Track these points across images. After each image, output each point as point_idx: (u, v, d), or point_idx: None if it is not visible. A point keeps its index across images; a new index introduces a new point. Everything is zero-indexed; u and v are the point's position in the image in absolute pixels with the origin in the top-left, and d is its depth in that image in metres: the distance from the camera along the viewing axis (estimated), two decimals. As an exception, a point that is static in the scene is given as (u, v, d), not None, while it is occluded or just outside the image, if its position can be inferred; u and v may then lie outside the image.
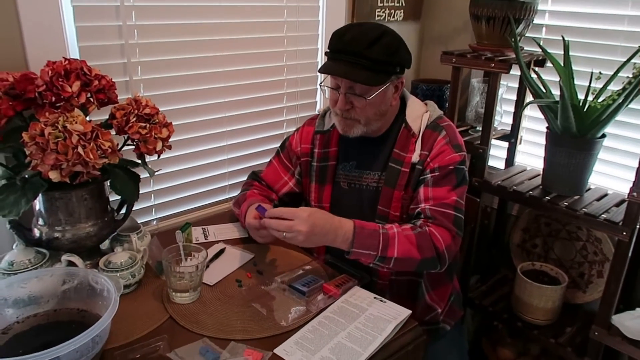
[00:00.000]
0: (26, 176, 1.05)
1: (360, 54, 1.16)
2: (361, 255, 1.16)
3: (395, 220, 1.27)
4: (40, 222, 1.12)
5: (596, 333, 1.42)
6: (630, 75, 1.33)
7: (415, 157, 1.26)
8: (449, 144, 1.25)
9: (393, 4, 1.91)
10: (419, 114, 1.30)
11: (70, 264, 1.08)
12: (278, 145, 1.51)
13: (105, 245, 1.26)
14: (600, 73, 1.40)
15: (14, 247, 1.10)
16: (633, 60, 1.38)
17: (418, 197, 1.24)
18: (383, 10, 1.89)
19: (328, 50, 1.23)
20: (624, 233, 1.33)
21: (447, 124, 1.29)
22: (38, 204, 1.11)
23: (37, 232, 1.13)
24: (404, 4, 1.94)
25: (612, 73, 1.43)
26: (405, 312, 1.09)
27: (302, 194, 1.46)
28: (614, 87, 1.39)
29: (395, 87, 1.26)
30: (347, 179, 1.36)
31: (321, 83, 1.31)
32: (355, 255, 1.16)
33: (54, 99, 1.04)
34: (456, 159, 1.24)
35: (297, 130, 1.46)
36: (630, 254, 1.36)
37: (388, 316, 1.08)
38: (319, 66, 1.78)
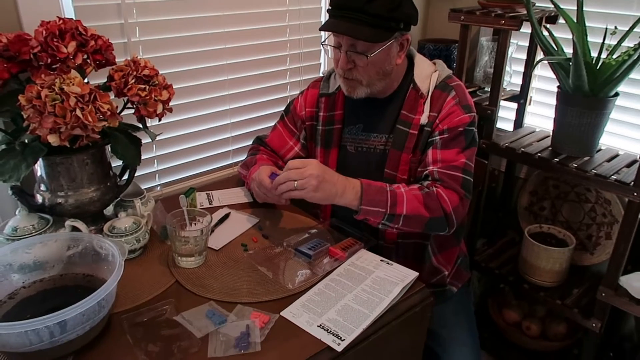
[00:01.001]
0: (25, 140, 1.03)
1: (360, 9, 1.11)
2: (370, 213, 1.14)
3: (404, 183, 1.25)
4: (42, 187, 1.11)
5: (603, 294, 1.42)
6: (647, 30, 1.27)
7: (424, 119, 1.23)
8: (458, 104, 1.22)
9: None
10: (428, 73, 1.26)
11: (74, 229, 1.08)
12: (282, 108, 1.48)
13: (109, 211, 1.25)
14: (615, 28, 1.34)
15: (16, 212, 1.09)
16: (650, 14, 1.32)
17: (426, 159, 1.22)
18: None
19: (329, 8, 1.18)
20: (635, 194, 1.31)
21: (456, 84, 1.25)
22: (39, 169, 1.10)
23: (39, 198, 1.12)
24: (410, -40, 1.86)
25: (627, 28, 1.37)
26: (412, 274, 1.08)
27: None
28: (629, 43, 1.34)
29: (400, 44, 1.21)
30: (353, 143, 1.33)
31: (323, 42, 1.27)
32: (364, 213, 1.14)
33: (49, 60, 1.01)
34: (465, 120, 1.21)
35: (302, 93, 1.43)
36: (640, 215, 1.34)
37: (395, 278, 1.07)
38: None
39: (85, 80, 1.01)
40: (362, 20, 1.12)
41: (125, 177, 1.24)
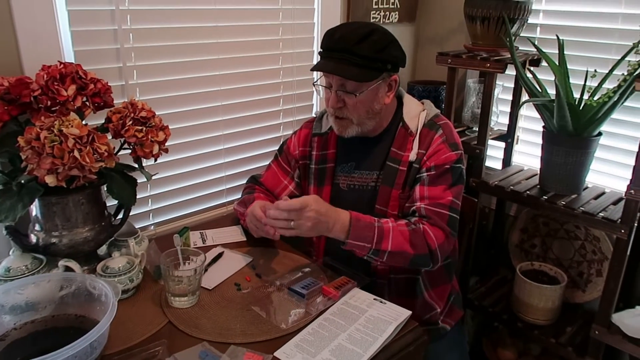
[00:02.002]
0: (22, 181, 1.04)
1: (349, 51, 1.16)
2: (356, 246, 1.16)
3: (394, 218, 1.26)
4: (37, 227, 1.11)
5: (597, 332, 1.42)
6: (625, 73, 1.33)
7: (412, 156, 1.26)
8: (445, 142, 1.25)
9: (388, 5, 1.92)
10: (416, 112, 1.30)
11: (68, 269, 1.07)
12: (275, 148, 1.51)
13: (102, 250, 1.25)
14: (595, 71, 1.41)
15: (10, 253, 1.09)
16: (627, 58, 1.38)
17: (414, 196, 1.25)
18: (378, 12, 1.89)
19: (320, 50, 1.24)
20: (622, 231, 1.33)
21: (444, 122, 1.29)
22: (35, 209, 1.11)
23: (33, 238, 1.12)
24: (398, 6, 1.95)
25: (607, 71, 1.44)
26: (405, 313, 1.09)
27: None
28: (609, 85, 1.40)
29: (388, 85, 1.25)
30: (346, 180, 1.36)
31: (315, 82, 1.31)
32: (350, 246, 1.16)
33: (49, 103, 1.03)
34: (452, 157, 1.24)
35: (295, 133, 1.46)
36: (628, 252, 1.36)
37: (388, 317, 1.07)
38: None
39: (84, 122, 1.03)
40: (351, 61, 1.17)
41: (120, 216, 1.25)
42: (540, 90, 1.52)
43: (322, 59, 1.23)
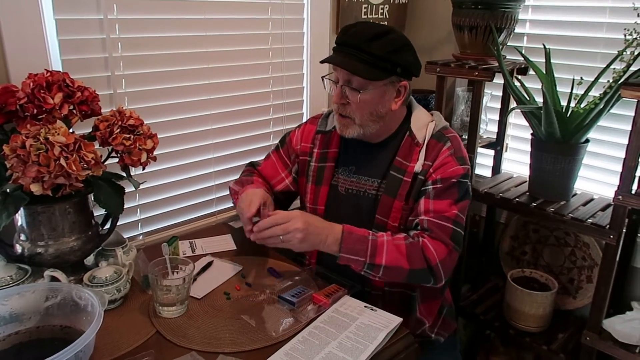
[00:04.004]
0: (7, 190, 1.03)
1: (359, 47, 1.15)
2: (351, 260, 1.14)
3: (393, 231, 1.23)
4: (22, 237, 1.10)
5: (588, 338, 1.42)
6: (611, 80, 1.35)
7: (418, 167, 1.23)
8: (453, 155, 1.22)
9: (377, 15, 1.93)
10: (424, 122, 1.28)
11: (54, 279, 1.06)
12: (264, 157, 1.50)
13: (89, 260, 1.23)
14: (581, 79, 1.42)
15: (-6, 263, 1.07)
16: (612, 66, 1.40)
17: (418, 209, 1.22)
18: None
19: (334, 45, 1.23)
20: (611, 236, 1.34)
21: (452, 135, 1.27)
22: (20, 219, 1.09)
23: (18, 248, 1.10)
24: (387, 16, 1.97)
25: (592, 79, 1.45)
26: (396, 320, 1.08)
27: (297, 194, 1.44)
28: (595, 92, 1.42)
29: (397, 90, 1.23)
30: (344, 184, 1.33)
31: (324, 75, 1.29)
32: (344, 260, 1.15)
33: (35, 111, 1.03)
34: (459, 171, 1.21)
35: (299, 127, 1.44)
36: (618, 258, 1.36)
37: (379, 324, 1.06)
38: (304, 78, 1.81)
39: (71, 130, 1.02)
40: (360, 57, 1.15)
41: (108, 225, 1.23)
42: (528, 98, 1.54)
43: (333, 52, 1.22)
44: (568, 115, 1.43)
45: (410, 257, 1.14)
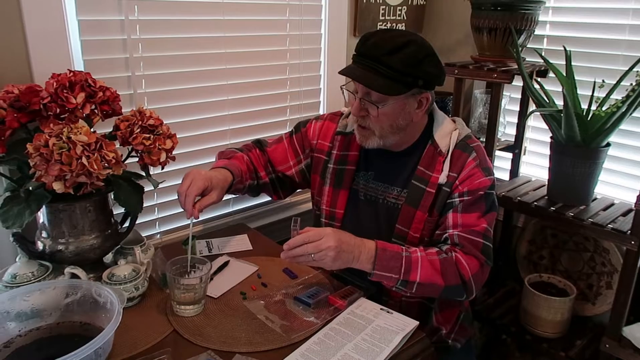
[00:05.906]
0: (30, 188, 1.05)
1: (379, 60, 1.11)
2: (383, 277, 1.12)
3: (413, 242, 1.22)
4: (44, 234, 1.12)
5: (607, 345, 1.40)
6: (634, 83, 1.32)
7: (442, 178, 1.19)
8: (479, 166, 1.19)
9: (395, 17, 1.93)
10: (448, 131, 1.24)
11: (74, 276, 1.07)
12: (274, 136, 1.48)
13: (108, 258, 1.25)
14: (603, 81, 1.40)
15: (17, 259, 1.09)
16: (635, 69, 1.38)
17: (446, 222, 1.19)
18: (385, 23, 1.90)
19: (354, 54, 1.19)
20: (632, 242, 1.31)
21: (476, 145, 1.23)
22: (42, 216, 1.11)
23: (40, 245, 1.12)
24: (405, 18, 1.96)
25: (614, 82, 1.43)
26: (412, 323, 1.07)
27: (299, 186, 1.42)
28: (617, 95, 1.39)
29: (418, 102, 1.19)
30: (364, 189, 1.30)
31: (343, 85, 1.27)
32: (377, 277, 1.12)
33: (58, 110, 1.04)
34: (486, 183, 1.18)
35: (318, 118, 1.40)
36: (639, 264, 1.34)
37: (395, 327, 1.06)
38: (322, 80, 1.81)
39: (92, 130, 1.04)
40: (379, 70, 1.11)
41: (126, 224, 1.25)
42: (547, 100, 1.52)
43: (352, 63, 1.18)
44: (589, 118, 1.41)
45: (445, 273, 1.12)
